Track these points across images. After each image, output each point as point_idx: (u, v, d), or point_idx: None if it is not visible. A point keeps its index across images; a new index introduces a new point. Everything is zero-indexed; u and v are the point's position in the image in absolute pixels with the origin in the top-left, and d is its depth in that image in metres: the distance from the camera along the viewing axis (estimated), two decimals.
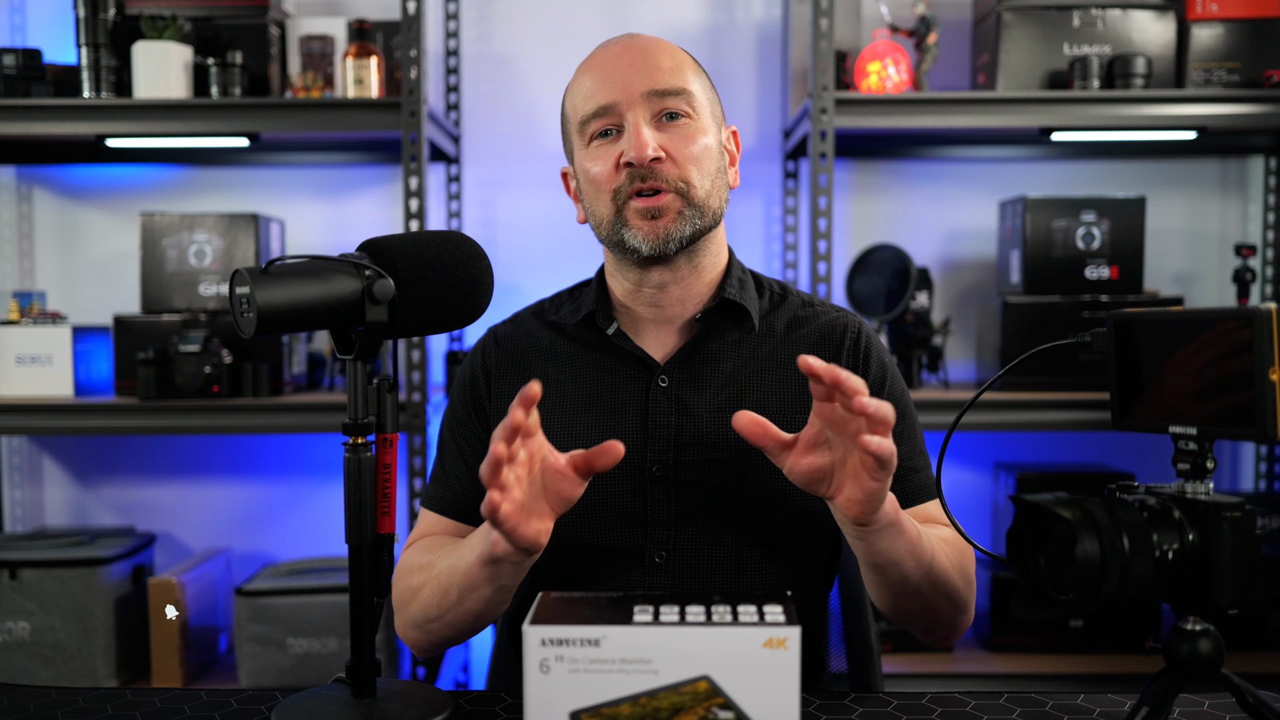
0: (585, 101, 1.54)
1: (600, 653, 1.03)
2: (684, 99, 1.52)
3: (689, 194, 1.50)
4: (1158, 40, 3.04)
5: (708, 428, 1.55)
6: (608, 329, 1.60)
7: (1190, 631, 1.08)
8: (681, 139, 1.51)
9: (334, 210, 3.44)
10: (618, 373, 1.60)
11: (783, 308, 1.66)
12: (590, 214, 1.57)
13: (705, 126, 1.54)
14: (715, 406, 1.56)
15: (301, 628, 2.95)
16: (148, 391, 2.90)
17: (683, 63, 1.56)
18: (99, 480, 3.48)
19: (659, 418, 1.56)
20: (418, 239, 1.26)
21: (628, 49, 1.55)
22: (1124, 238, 3.08)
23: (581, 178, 1.57)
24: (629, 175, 1.49)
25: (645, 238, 1.50)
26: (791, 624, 1.03)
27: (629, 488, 1.55)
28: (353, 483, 1.23)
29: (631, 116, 1.50)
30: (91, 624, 2.96)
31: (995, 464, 3.38)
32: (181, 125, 2.94)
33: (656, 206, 1.49)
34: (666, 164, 1.49)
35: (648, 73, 1.51)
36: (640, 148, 1.47)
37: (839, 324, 1.64)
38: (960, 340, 3.41)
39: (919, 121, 2.96)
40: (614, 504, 1.55)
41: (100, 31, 2.93)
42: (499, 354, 1.67)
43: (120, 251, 3.42)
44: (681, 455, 1.55)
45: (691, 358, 1.59)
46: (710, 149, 1.54)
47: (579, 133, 1.56)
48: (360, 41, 2.98)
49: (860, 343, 1.63)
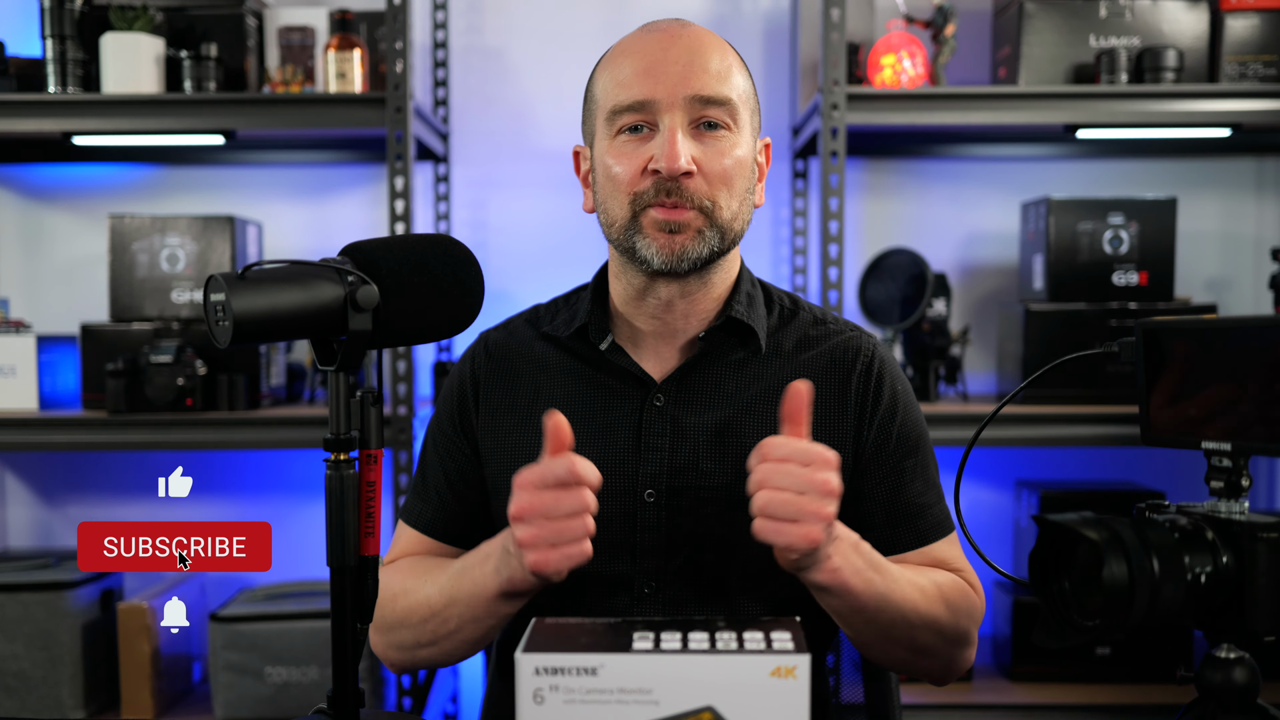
0: (620, 90, 1.50)
1: (598, 682, 1.03)
2: (726, 110, 1.49)
3: (713, 214, 1.48)
4: (1190, 32, 3.04)
5: (704, 452, 1.54)
6: (601, 344, 1.59)
7: (1224, 659, 1.08)
8: (716, 153, 1.48)
9: (315, 212, 3.45)
10: (611, 390, 1.59)
11: (792, 325, 1.64)
12: (602, 209, 1.55)
13: (742, 140, 1.52)
14: (712, 429, 1.55)
15: (280, 655, 2.95)
16: (117, 405, 2.90)
17: (731, 66, 1.53)
18: (65, 499, 3.48)
19: (652, 439, 1.55)
20: (404, 242, 1.26)
21: (676, 42, 1.51)
22: (1154, 241, 3.08)
23: (599, 168, 1.54)
24: (655, 184, 1.47)
25: (659, 251, 1.48)
26: (801, 651, 1.03)
27: (618, 513, 1.54)
28: (335, 502, 1.22)
29: (668, 120, 1.47)
30: (57, 651, 2.95)
31: (1017, 482, 3.38)
32: (153, 122, 2.95)
33: (677, 221, 1.47)
34: (696, 179, 1.47)
35: (695, 74, 1.48)
36: (673, 158, 1.45)
37: (851, 346, 1.63)
38: (980, 350, 3.41)
39: (936, 118, 2.97)
40: (602, 530, 1.53)
41: (66, 22, 2.93)
42: (489, 363, 1.67)
43: (88, 256, 3.42)
44: (675, 480, 1.54)
45: (690, 377, 1.58)
46: (743, 166, 1.51)
47: (606, 121, 1.52)
48: (343, 33, 2.98)
49: (873, 369, 1.61)
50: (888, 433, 1.58)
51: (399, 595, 1.53)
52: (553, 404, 1.58)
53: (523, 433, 1.60)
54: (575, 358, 1.63)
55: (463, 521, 1.64)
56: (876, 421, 1.58)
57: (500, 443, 1.62)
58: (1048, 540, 1.08)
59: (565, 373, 1.62)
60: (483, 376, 1.66)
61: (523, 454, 1.57)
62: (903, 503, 1.58)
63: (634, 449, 1.56)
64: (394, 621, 1.53)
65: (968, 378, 3.30)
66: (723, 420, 1.56)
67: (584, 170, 1.63)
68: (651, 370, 1.59)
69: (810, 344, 1.63)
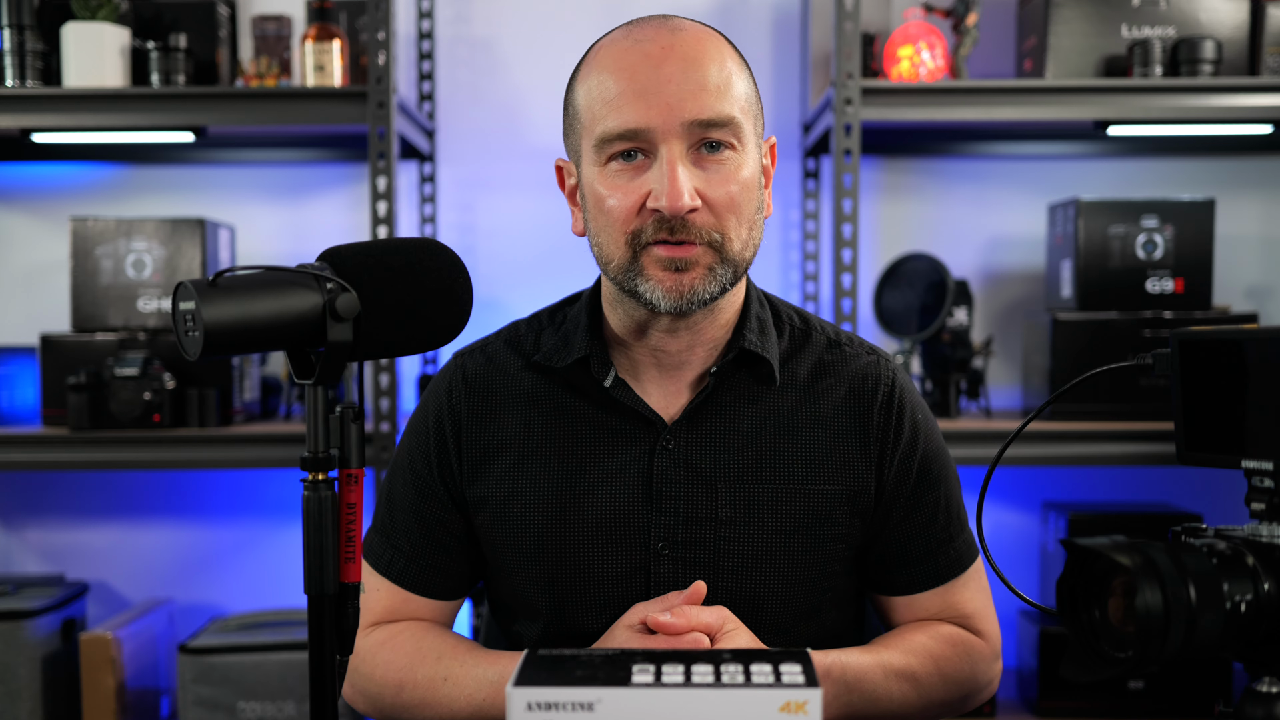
0: (609, 113, 1.44)
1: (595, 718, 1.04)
2: (730, 129, 1.44)
3: (723, 248, 1.44)
4: (1229, 21, 3.05)
5: (724, 499, 1.53)
6: (605, 379, 1.55)
7: (1265, 694, 1.08)
8: (721, 179, 1.44)
9: (291, 215, 3.45)
10: (614, 430, 1.56)
11: (806, 350, 1.62)
12: (596, 243, 1.50)
13: (748, 158, 1.47)
14: (733, 474, 1.53)
15: (254, 690, 2.95)
16: (79, 421, 2.90)
17: (730, 75, 1.47)
18: (23, 522, 3.48)
19: (666, 487, 1.53)
20: (386, 247, 1.26)
21: (668, 55, 1.44)
22: (1190, 246, 3.08)
23: (589, 196, 1.49)
24: (655, 222, 1.42)
25: (666, 293, 1.44)
26: (812, 685, 1.03)
27: (630, 568, 1.54)
28: (313, 525, 1.22)
29: (666, 151, 1.41)
30: (15, 685, 2.95)
31: (1044, 503, 3.37)
32: (118, 118, 2.95)
33: (684, 259, 1.43)
34: (702, 214, 1.42)
35: (692, 94, 1.42)
36: (675, 196, 1.39)
37: (871, 375, 1.61)
38: (1004, 362, 3.41)
39: (957, 114, 2.97)
40: (614, 587, 1.53)
41: (25, 11, 2.93)
42: (469, 399, 1.62)
43: (48, 261, 3.42)
44: (692, 531, 1.52)
45: (701, 415, 1.55)
46: (751, 186, 1.47)
47: (594, 147, 1.46)
48: (321, 23, 2.99)
49: (894, 401, 1.60)
50: (908, 469, 1.59)
51: (404, 686, 1.54)
52: (548, 446, 1.56)
53: (515, 478, 1.58)
54: (570, 392, 1.59)
55: (437, 573, 1.63)
56: (898, 457, 1.59)
57: (492, 490, 1.59)
58: (1076, 566, 1.08)
59: (559, 411, 1.58)
60: (464, 415, 1.62)
61: (518, 501, 1.57)
62: (923, 541, 1.60)
63: (644, 497, 1.53)
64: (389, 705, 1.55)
65: (991, 392, 3.30)
66: (742, 463, 1.54)
67: (569, 186, 1.58)
68: (656, 404, 1.56)
69: (826, 371, 1.61)
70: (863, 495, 1.56)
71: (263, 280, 1.18)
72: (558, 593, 1.56)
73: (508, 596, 1.63)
